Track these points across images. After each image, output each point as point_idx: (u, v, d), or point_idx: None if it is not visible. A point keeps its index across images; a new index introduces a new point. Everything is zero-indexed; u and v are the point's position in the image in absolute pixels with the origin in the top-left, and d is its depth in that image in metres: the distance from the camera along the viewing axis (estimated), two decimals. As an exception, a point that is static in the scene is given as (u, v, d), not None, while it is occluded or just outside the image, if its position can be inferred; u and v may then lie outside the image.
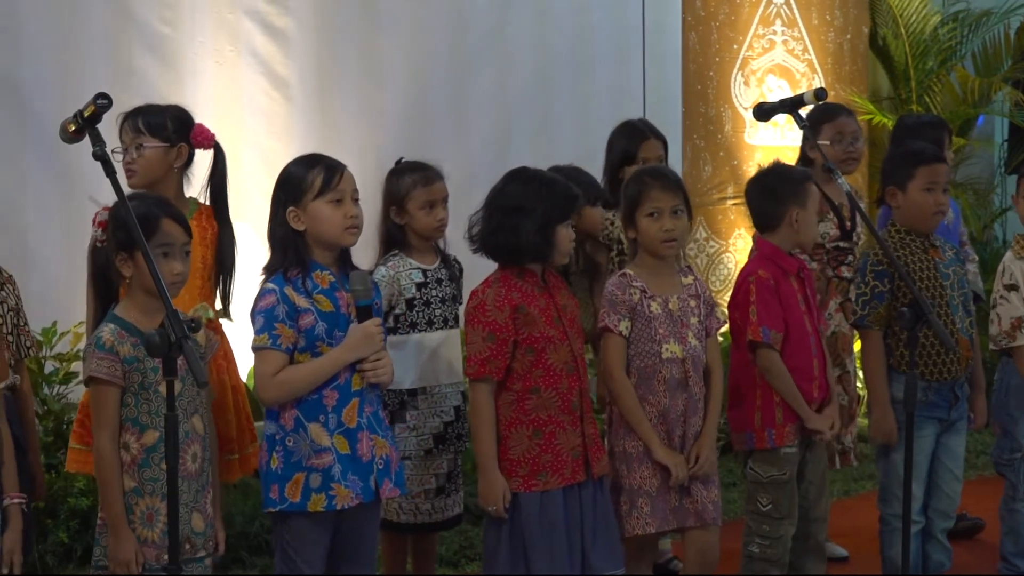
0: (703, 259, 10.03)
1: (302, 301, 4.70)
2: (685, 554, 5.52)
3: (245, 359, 5.60)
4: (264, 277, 4.81)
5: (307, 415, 4.71)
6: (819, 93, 5.62)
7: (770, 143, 10.42)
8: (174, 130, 5.50)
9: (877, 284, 5.80)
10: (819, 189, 6.04)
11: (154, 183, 5.41)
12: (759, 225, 5.80)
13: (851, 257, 6.82)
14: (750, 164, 10.09)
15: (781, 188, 5.71)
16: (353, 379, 4.75)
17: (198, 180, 5.62)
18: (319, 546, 4.77)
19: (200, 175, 5.62)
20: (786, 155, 8.55)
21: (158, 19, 7.70)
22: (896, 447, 5.79)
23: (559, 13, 9.44)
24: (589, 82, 9.56)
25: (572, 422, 5.12)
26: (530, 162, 5.50)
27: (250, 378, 6.24)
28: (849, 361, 6.86)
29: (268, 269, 4.81)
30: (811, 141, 6.32)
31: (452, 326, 5.65)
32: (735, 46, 10.36)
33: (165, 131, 5.48)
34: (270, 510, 4.77)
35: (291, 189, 4.78)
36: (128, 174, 5.41)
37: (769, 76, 10.59)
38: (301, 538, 4.75)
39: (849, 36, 11.18)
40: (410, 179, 5.63)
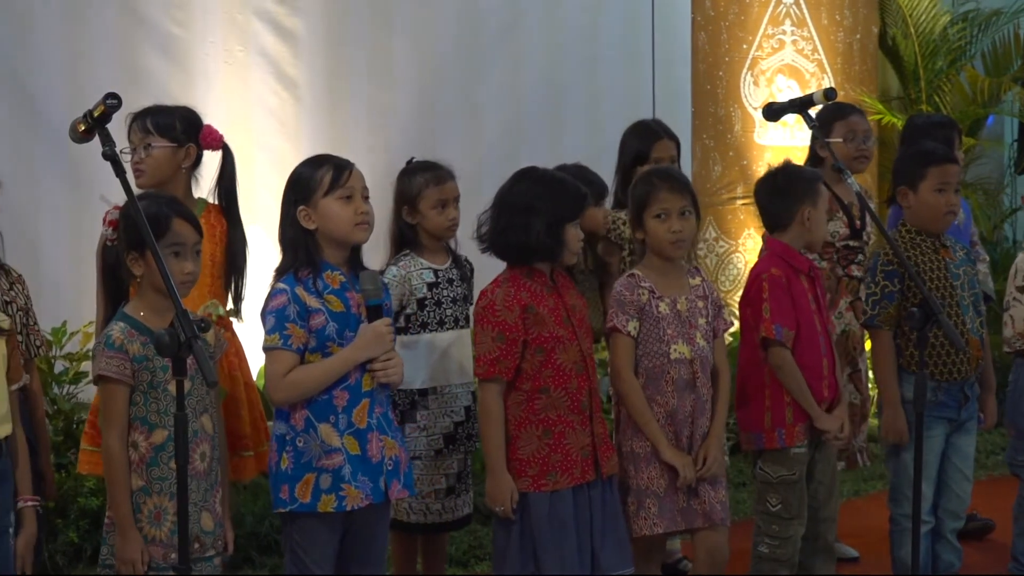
0: (713, 259, 10.02)
1: (313, 301, 4.70)
2: (694, 555, 5.52)
3: (256, 359, 5.60)
4: (275, 277, 4.81)
5: (317, 415, 4.71)
6: (829, 93, 5.61)
7: (780, 143, 10.40)
8: (182, 130, 5.50)
9: (887, 284, 5.80)
10: (828, 188, 6.04)
11: (162, 183, 5.41)
12: (769, 224, 5.80)
13: (861, 256, 6.81)
14: (760, 164, 10.08)
15: (792, 187, 5.71)
16: (364, 379, 4.75)
17: (207, 181, 5.62)
18: (329, 547, 4.76)
19: (208, 176, 5.63)
20: (796, 155, 8.56)
21: (168, 19, 7.71)
22: (906, 447, 5.79)
23: (569, 13, 9.43)
24: (599, 82, 9.55)
25: (581, 422, 5.12)
26: (540, 162, 5.50)
27: (260, 377, 6.24)
28: (861, 360, 6.85)
29: (279, 270, 4.81)
30: (821, 140, 6.32)
31: (463, 326, 5.65)
32: (744, 46, 10.35)
33: (173, 131, 5.48)
34: (280, 510, 4.76)
35: (301, 188, 4.78)
36: (136, 174, 5.42)
37: (779, 76, 10.58)
38: (311, 539, 4.74)
39: (859, 36, 11.17)
40: (422, 178, 5.63)
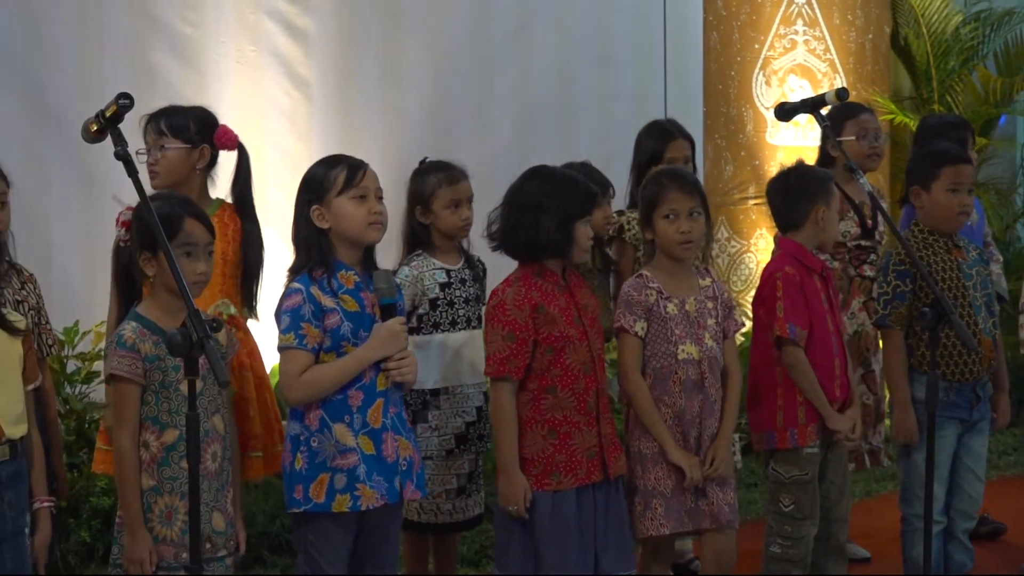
0: (724, 259, 10.02)
1: (328, 301, 4.70)
2: (702, 556, 5.52)
3: (270, 359, 5.60)
4: (289, 277, 4.81)
5: (332, 415, 4.71)
6: (841, 93, 5.60)
7: (791, 143, 10.39)
8: (197, 131, 5.49)
9: (899, 284, 5.79)
10: (839, 188, 6.03)
11: (176, 184, 5.40)
12: (782, 224, 5.79)
13: (874, 256, 6.81)
14: (772, 164, 10.07)
15: (806, 186, 5.70)
16: (378, 379, 4.75)
17: (224, 180, 5.62)
18: (343, 547, 4.76)
19: (225, 175, 5.62)
20: (807, 155, 8.55)
21: (180, 20, 7.72)
22: (917, 447, 5.78)
23: (580, 13, 9.43)
24: (610, 82, 9.55)
25: (588, 422, 5.11)
26: (551, 162, 5.50)
27: (273, 375, 6.24)
28: (874, 360, 6.84)
29: (293, 270, 4.82)
30: (833, 140, 6.31)
31: (475, 326, 5.64)
32: (756, 46, 10.34)
33: (188, 132, 5.47)
34: (294, 511, 4.76)
35: (314, 188, 4.79)
36: (151, 175, 5.42)
37: (790, 76, 10.57)
38: (325, 539, 4.74)
39: (871, 36, 11.15)
40: (435, 178, 5.63)
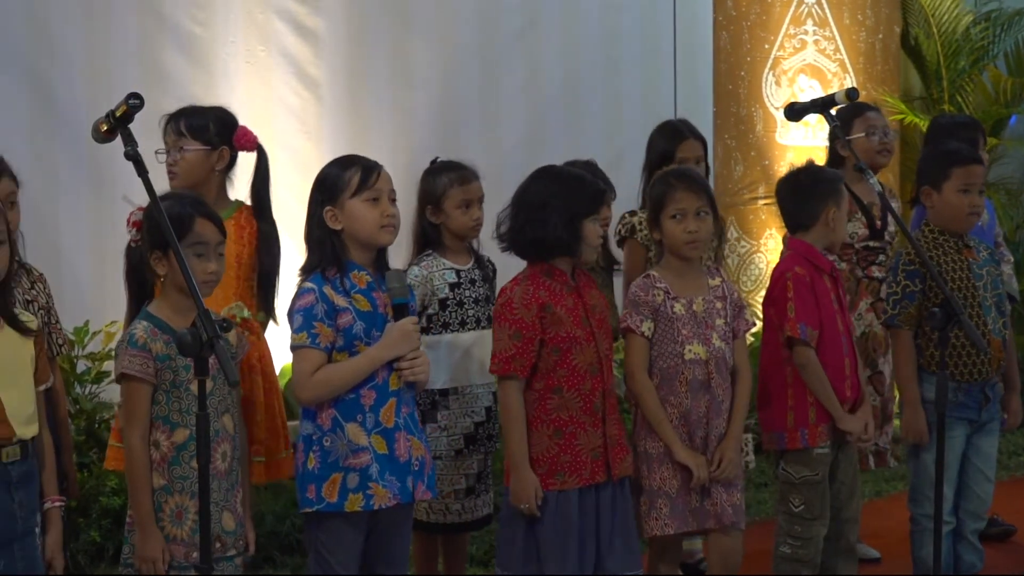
0: (734, 259, 10.00)
1: (340, 300, 4.71)
2: (708, 557, 5.53)
3: (281, 360, 5.61)
4: (302, 277, 4.82)
5: (344, 415, 4.72)
6: (851, 93, 5.59)
7: (801, 143, 10.38)
8: (216, 132, 5.50)
9: (908, 284, 5.78)
10: (848, 189, 6.02)
11: (195, 185, 5.40)
12: (792, 224, 5.78)
13: (883, 256, 6.80)
14: (781, 164, 10.06)
15: (817, 187, 5.70)
16: (391, 379, 4.76)
17: (240, 183, 5.62)
18: (354, 548, 4.77)
19: (241, 177, 5.62)
20: (817, 155, 8.55)
21: (189, 19, 7.72)
22: (926, 448, 5.77)
23: (589, 13, 9.43)
24: (620, 82, 9.55)
25: (593, 423, 5.11)
26: (560, 162, 5.50)
27: (284, 375, 6.24)
28: (882, 362, 6.83)
29: (306, 269, 4.83)
30: (842, 139, 6.31)
31: (485, 327, 5.63)
32: (766, 46, 10.33)
33: (207, 134, 5.49)
34: (306, 510, 4.77)
35: (328, 188, 4.80)
36: (170, 176, 5.44)
37: (800, 76, 10.55)
38: (337, 539, 4.75)
39: (881, 36, 11.13)
40: (447, 178, 5.64)
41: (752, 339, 6.73)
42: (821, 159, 7.16)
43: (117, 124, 4.26)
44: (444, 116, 8.64)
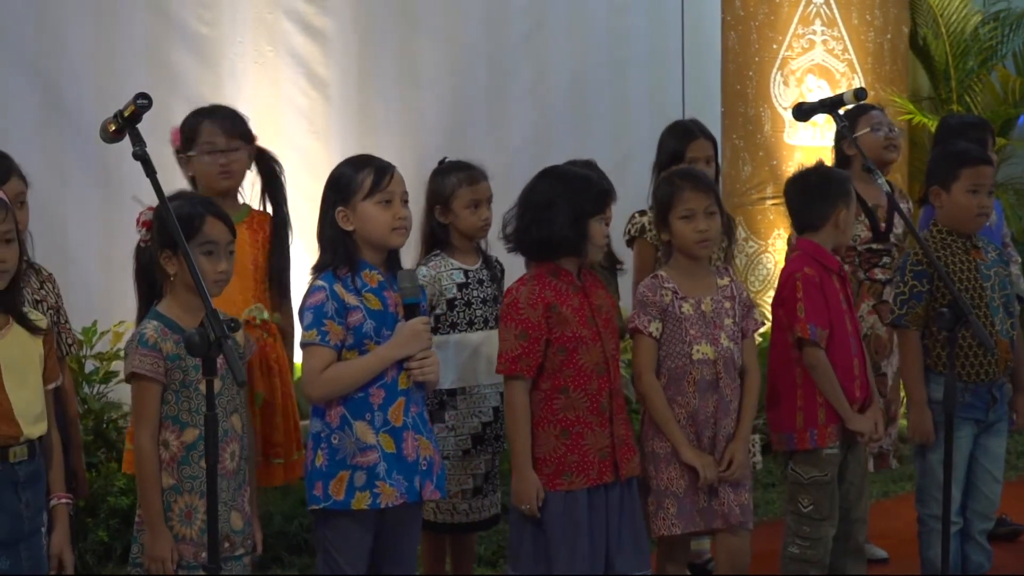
0: (742, 259, 9.99)
1: (351, 299, 4.73)
2: (716, 557, 5.53)
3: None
4: (313, 275, 4.83)
5: (353, 413, 4.73)
6: (859, 93, 5.58)
7: (809, 143, 10.37)
8: (249, 133, 5.58)
9: (916, 284, 5.78)
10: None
11: (235, 187, 5.53)
12: (801, 225, 5.77)
13: (887, 258, 6.80)
14: (789, 164, 10.05)
15: (827, 188, 5.70)
16: (400, 378, 4.77)
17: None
18: (361, 546, 4.78)
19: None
20: (825, 155, 8.51)
21: (197, 19, 7.73)
22: (933, 448, 5.77)
23: (597, 14, 9.43)
24: (627, 82, 9.55)
25: (600, 423, 5.11)
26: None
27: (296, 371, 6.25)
28: (885, 364, 6.82)
29: (317, 267, 4.84)
30: (849, 138, 6.31)
31: (492, 327, 5.62)
32: (774, 46, 10.32)
33: (250, 136, 5.57)
34: (313, 507, 4.78)
35: (341, 189, 4.81)
36: (224, 175, 5.48)
37: (808, 76, 10.54)
38: (344, 537, 4.76)
39: (889, 36, 11.12)
40: (455, 178, 5.64)
41: (760, 339, 6.72)
42: (829, 159, 7.16)
43: (125, 124, 4.27)
44: (452, 116, 8.64)
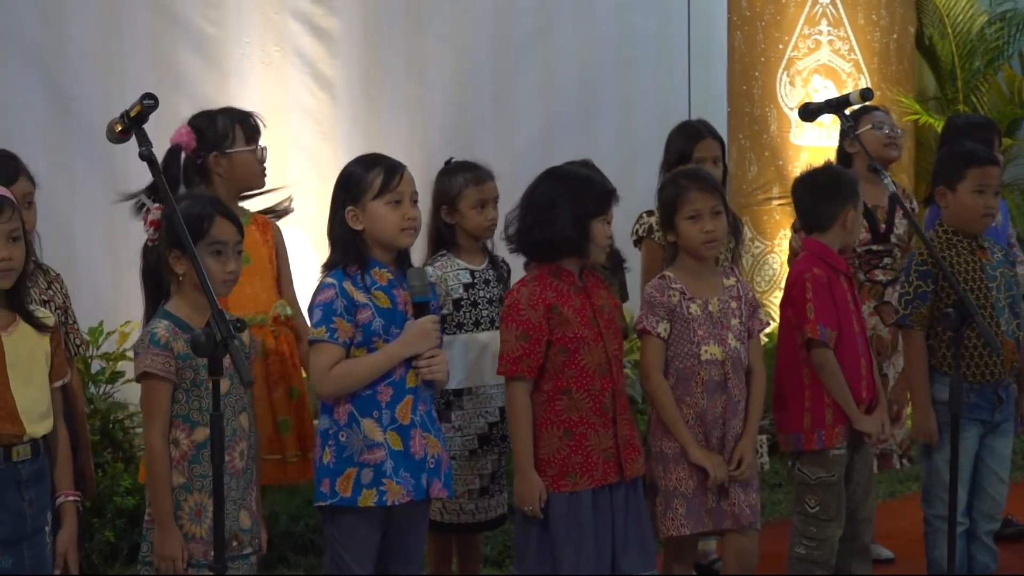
0: (748, 259, 9.99)
1: (360, 296, 4.74)
2: (724, 557, 5.51)
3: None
4: (323, 272, 4.85)
5: (361, 410, 4.74)
6: (865, 93, 5.59)
7: (815, 143, 10.37)
8: None
9: (921, 284, 5.77)
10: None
11: None
12: (808, 225, 5.77)
13: (888, 259, 6.81)
14: (796, 164, 10.06)
15: (835, 189, 5.69)
16: (408, 376, 4.78)
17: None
18: (368, 543, 4.79)
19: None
20: (832, 155, 8.52)
21: (203, 19, 7.74)
22: (939, 449, 5.76)
23: (603, 13, 9.42)
24: (633, 83, 9.55)
25: (604, 424, 5.10)
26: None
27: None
28: (887, 364, 6.81)
29: (327, 265, 4.86)
30: (852, 136, 6.32)
31: (499, 327, 5.63)
32: (781, 46, 10.33)
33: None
34: (320, 504, 4.80)
35: (351, 188, 4.82)
36: (263, 175, 5.60)
37: (815, 76, 10.55)
38: (350, 534, 4.77)
39: (895, 36, 11.12)
40: (462, 178, 5.65)
41: (766, 339, 6.72)
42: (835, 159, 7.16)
43: (132, 124, 4.27)
44: (458, 116, 8.65)
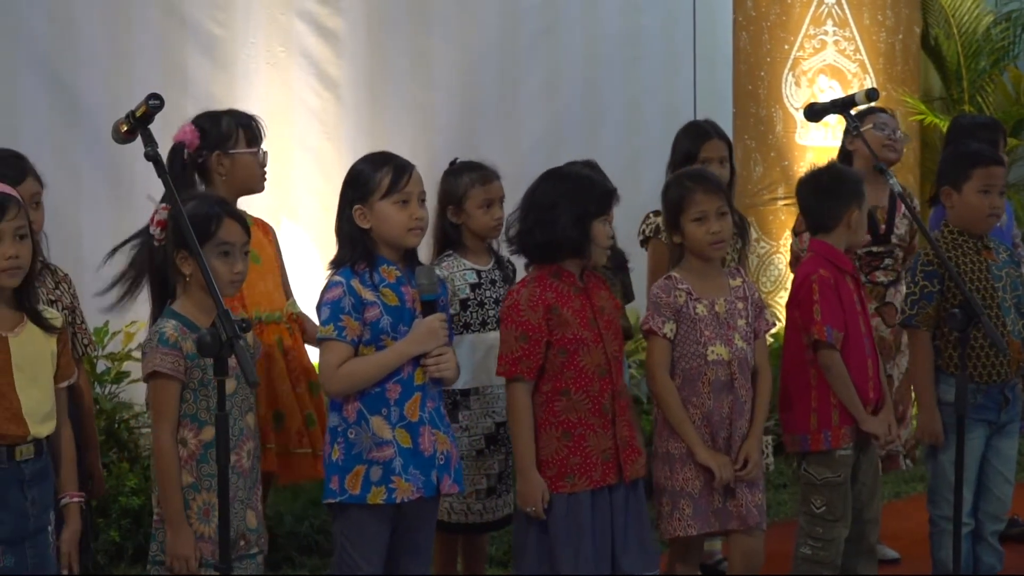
0: (754, 260, 9.99)
1: (368, 294, 4.75)
2: (730, 558, 5.52)
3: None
4: (331, 271, 4.86)
5: (369, 408, 4.76)
6: (871, 93, 5.59)
7: (821, 144, 10.37)
8: None
9: (927, 284, 5.77)
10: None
11: None
12: (813, 226, 5.77)
13: (888, 260, 6.81)
14: (801, 165, 10.05)
15: (840, 188, 5.69)
16: (416, 373, 4.80)
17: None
18: (377, 540, 4.80)
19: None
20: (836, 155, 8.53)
21: (210, 20, 7.74)
22: (944, 449, 5.77)
23: (609, 13, 9.42)
24: (639, 83, 9.54)
25: (603, 425, 5.10)
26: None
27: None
28: (890, 365, 6.81)
29: (335, 263, 4.87)
30: (852, 133, 6.32)
31: (503, 327, 5.66)
32: (786, 46, 10.33)
33: None
34: (329, 501, 4.81)
35: (359, 187, 4.84)
36: (263, 178, 5.58)
37: (820, 76, 10.55)
38: (359, 531, 4.78)
39: (901, 36, 11.12)
40: (468, 178, 5.65)
41: (771, 340, 6.72)
42: (840, 160, 7.17)
43: (137, 124, 4.29)
44: (464, 117, 8.65)
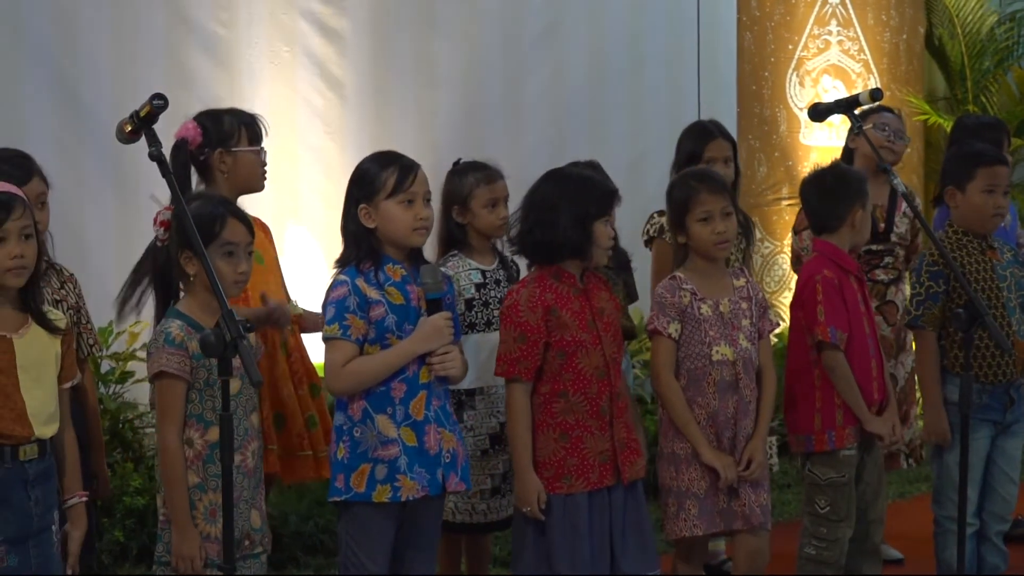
0: (758, 260, 9.98)
1: (373, 293, 4.76)
2: (734, 558, 5.51)
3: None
4: (336, 269, 4.87)
5: (375, 406, 4.76)
6: (875, 93, 5.59)
7: (825, 144, 10.37)
8: None
9: (932, 285, 5.77)
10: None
11: None
12: (817, 226, 5.76)
13: (889, 259, 6.80)
14: (805, 164, 10.06)
15: (844, 188, 5.68)
16: (421, 372, 4.81)
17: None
18: (382, 539, 4.80)
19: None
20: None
21: (214, 20, 7.75)
22: (950, 449, 5.76)
23: (613, 13, 9.43)
24: (643, 82, 9.55)
25: (600, 426, 5.10)
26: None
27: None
28: (892, 365, 6.81)
29: (340, 262, 4.88)
30: (857, 132, 6.32)
31: (506, 328, 5.66)
32: (790, 46, 10.33)
33: None
34: (335, 499, 4.82)
35: (364, 187, 4.84)
36: (264, 176, 5.58)
37: (824, 76, 10.55)
38: (364, 529, 4.79)
39: (905, 36, 11.12)
40: (473, 178, 5.65)
41: (776, 340, 6.71)
42: (845, 161, 7.16)
43: (141, 124, 4.29)
44: (468, 116, 8.65)
